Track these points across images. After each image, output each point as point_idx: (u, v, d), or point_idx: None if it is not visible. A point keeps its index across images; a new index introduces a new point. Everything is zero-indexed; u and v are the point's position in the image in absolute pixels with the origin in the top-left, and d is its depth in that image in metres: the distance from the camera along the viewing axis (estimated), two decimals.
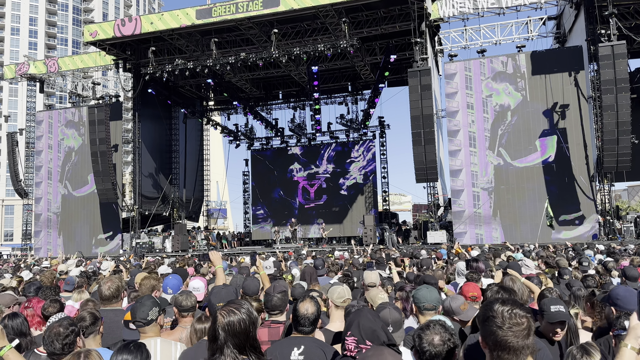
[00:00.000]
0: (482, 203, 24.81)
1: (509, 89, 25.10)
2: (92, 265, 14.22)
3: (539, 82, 24.72)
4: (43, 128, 34.06)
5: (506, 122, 25.05)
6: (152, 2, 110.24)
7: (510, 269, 5.85)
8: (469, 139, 25.40)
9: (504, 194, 24.71)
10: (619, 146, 20.95)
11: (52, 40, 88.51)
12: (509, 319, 2.08)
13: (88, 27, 28.72)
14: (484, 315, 2.17)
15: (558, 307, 3.61)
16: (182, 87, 35.15)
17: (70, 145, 33.03)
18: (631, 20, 25.13)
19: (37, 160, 33.96)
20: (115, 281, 4.53)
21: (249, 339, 2.36)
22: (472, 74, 25.67)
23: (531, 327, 2.10)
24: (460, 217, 25.01)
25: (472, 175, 25.16)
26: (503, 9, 25.07)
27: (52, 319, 3.48)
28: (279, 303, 4.08)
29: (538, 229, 23.06)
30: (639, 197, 64.82)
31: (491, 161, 25.04)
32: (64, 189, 32.82)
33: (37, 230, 33.58)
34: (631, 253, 11.99)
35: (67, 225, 32.49)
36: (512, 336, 2.06)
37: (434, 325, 2.48)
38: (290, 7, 24.29)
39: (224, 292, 3.41)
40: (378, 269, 8.14)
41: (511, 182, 24.69)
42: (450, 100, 25.83)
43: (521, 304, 2.20)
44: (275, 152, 38.52)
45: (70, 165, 32.86)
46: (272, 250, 22.39)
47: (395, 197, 71.90)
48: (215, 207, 53.91)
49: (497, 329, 2.08)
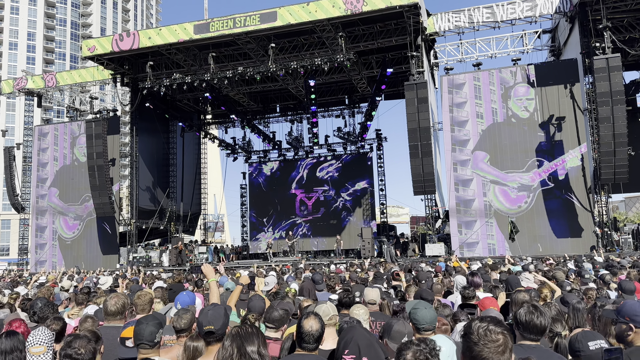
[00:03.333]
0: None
1: (520, 99, 25.15)
2: (89, 281, 14.13)
3: (537, 94, 24.90)
4: (49, 140, 33.97)
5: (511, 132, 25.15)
6: (150, 17, 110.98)
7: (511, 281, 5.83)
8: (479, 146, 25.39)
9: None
10: (615, 158, 21.04)
11: (50, 55, 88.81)
12: (484, 336, 2.18)
13: (86, 42, 28.85)
14: (464, 332, 2.30)
15: (598, 344, 3.10)
16: (180, 101, 35.23)
17: (76, 157, 32.99)
18: (625, 33, 25.41)
19: (43, 172, 33.79)
20: (121, 297, 4.50)
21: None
22: (480, 84, 25.74)
23: (507, 343, 2.19)
24: (472, 228, 24.90)
25: (482, 185, 25.15)
26: (498, 23, 25.34)
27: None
28: (278, 318, 4.06)
29: (537, 242, 23.08)
30: (637, 208, 64.97)
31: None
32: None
33: (41, 243, 33.26)
34: (628, 266, 11.97)
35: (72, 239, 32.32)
36: (487, 352, 2.15)
37: (413, 341, 2.49)
38: (288, 22, 24.47)
39: (211, 314, 3.28)
40: (376, 284, 8.10)
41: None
42: (460, 109, 25.79)
43: (500, 321, 2.29)
44: (273, 165, 38.53)
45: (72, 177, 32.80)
46: (270, 264, 22.27)
47: (393, 209, 71.74)
48: (212, 220, 53.74)
49: (474, 345, 2.19)
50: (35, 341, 3.40)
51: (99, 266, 27.51)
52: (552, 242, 23.66)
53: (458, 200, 25.25)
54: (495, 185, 24.91)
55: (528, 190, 24.50)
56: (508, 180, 24.80)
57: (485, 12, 25.43)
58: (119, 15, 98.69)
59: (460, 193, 25.32)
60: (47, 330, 3.51)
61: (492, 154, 25.18)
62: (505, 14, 25.14)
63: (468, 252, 23.89)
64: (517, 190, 24.63)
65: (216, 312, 3.29)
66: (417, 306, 3.94)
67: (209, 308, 3.35)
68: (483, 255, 22.41)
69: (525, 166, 24.67)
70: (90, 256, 31.00)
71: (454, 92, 25.95)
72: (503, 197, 24.76)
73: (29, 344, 3.41)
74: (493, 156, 25.13)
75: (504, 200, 24.71)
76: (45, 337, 3.40)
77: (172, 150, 35.59)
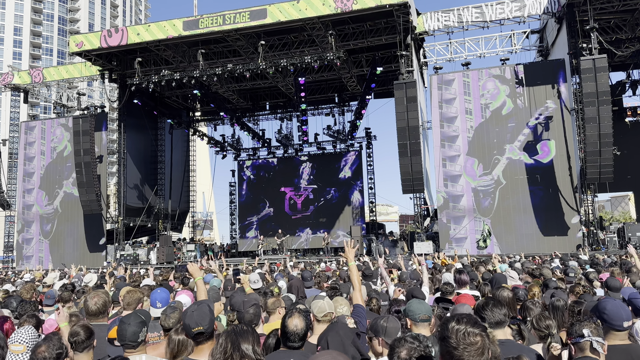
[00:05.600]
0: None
1: (506, 97, 25.29)
2: (76, 278, 13.99)
3: (525, 93, 25.09)
4: (35, 134, 33.51)
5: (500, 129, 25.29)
6: (138, 13, 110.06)
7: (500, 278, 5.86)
8: (468, 144, 25.56)
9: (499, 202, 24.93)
10: (601, 157, 21.28)
11: (37, 51, 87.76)
12: (462, 340, 2.13)
13: (74, 37, 28.52)
14: (441, 334, 2.24)
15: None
16: (169, 98, 35.00)
17: (61, 151, 32.60)
18: (612, 34, 25.69)
19: (29, 166, 33.34)
20: (101, 296, 4.47)
21: None
22: (470, 80, 25.84)
23: (485, 344, 2.15)
24: (460, 224, 25.03)
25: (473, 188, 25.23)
26: (487, 23, 25.49)
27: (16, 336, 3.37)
28: (252, 318, 4.08)
29: (524, 240, 23.27)
30: (622, 207, 65.80)
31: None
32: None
33: (28, 237, 32.85)
34: (608, 264, 12.14)
35: (58, 233, 31.97)
36: (467, 355, 2.12)
37: (406, 338, 2.48)
38: (277, 20, 24.40)
39: (197, 314, 3.24)
40: (366, 281, 8.12)
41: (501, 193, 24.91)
42: (449, 105, 25.90)
43: (475, 321, 2.24)
44: (262, 163, 38.45)
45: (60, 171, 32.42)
46: (261, 262, 22.23)
47: (382, 207, 71.99)
48: (201, 218, 53.52)
49: (453, 350, 2.14)
50: (15, 339, 3.36)
51: (85, 264, 27.23)
52: (539, 240, 23.88)
53: (447, 196, 25.39)
54: (482, 189, 25.06)
55: (515, 188, 24.68)
56: (493, 178, 24.94)
57: (475, 12, 25.56)
58: (107, 10, 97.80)
59: (449, 189, 25.44)
60: (32, 329, 3.46)
61: (480, 155, 25.27)
62: (494, 14, 25.29)
63: (457, 248, 24.05)
64: (503, 188, 24.80)
65: (201, 311, 3.25)
66: (410, 301, 3.97)
67: (192, 308, 3.30)
68: (471, 251, 22.58)
69: (514, 163, 24.83)
70: (77, 254, 30.69)
71: (444, 88, 26.06)
72: (490, 195, 24.93)
73: (10, 342, 3.37)
74: (481, 157, 25.24)
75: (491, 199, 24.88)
76: (27, 337, 3.35)
77: (160, 148, 35.32)
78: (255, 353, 2.59)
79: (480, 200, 24.94)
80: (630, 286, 6.23)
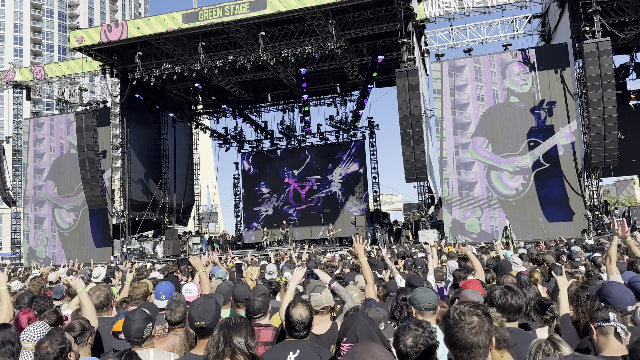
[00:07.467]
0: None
1: (519, 81, 25.09)
2: (83, 273, 14.08)
3: (531, 77, 24.90)
4: (45, 131, 33.50)
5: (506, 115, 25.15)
6: (138, 7, 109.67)
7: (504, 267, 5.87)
8: (478, 128, 25.33)
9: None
10: (605, 142, 21.15)
11: (37, 47, 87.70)
12: (458, 319, 2.22)
13: (74, 33, 28.49)
14: (446, 313, 2.34)
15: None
16: (170, 92, 34.97)
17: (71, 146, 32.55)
18: (615, 17, 25.40)
19: (39, 163, 33.37)
20: (103, 290, 4.50)
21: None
22: (481, 66, 25.58)
23: (483, 325, 2.20)
24: (473, 212, 24.86)
25: (483, 169, 25.10)
26: (489, 8, 25.24)
27: (33, 330, 3.38)
28: (261, 306, 4.11)
29: (528, 226, 23.23)
30: (627, 191, 65.51)
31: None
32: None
33: (40, 233, 32.82)
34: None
35: (70, 229, 32.12)
36: (461, 334, 2.19)
37: (410, 326, 2.50)
38: (277, 10, 24.27)
39: (201, 308, 3.26)
40: (371, 270, 8.12)
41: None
42: (461, 92, 25.62)
43: (478, 305, 2.31)
44: (265, 154, 38.45)
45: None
46: (265, 254, 22.32)
47: (387, 196, 72.06)
48: (206, 211, 53.68)
49: (450, 328, 2.23)
50: (25, 337, 3.37)
51: (91, 258, 27.39)
52: (545, 226, 23.84)
53: (460, 184, 25.28)
54: (493, 170, 24.98)
55: (524, 173, 24.58)
56: (503, 163, 24.84)
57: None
58: (107, 5, 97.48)
59: (462, 176, 25.30)
60: (43, 326, 3.45)
61: (490, 137, 25.17)
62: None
63: (464, 237, 24.10)
64: (513, 174, 24.71)
65: (206, 306, 3.27)
66: (415, 290, 3.98)
67: (199, 302, 3.33)
68: (483, 238, 22.59)
69: (520, 149, 24.73)
70: (85, 248, 30.88)
71: (455, 74, 25.77)
72: (501, 182, 24.85)
73: (22, 338, 3.39)
74: (491, 139, 25.13)
75: (502, 185, 24.79)
76: (36, 334, 3.34)
77: (163, 142, 35.38)
78: (248, 347, 2.61)
79: (494, 186, 24.81)
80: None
